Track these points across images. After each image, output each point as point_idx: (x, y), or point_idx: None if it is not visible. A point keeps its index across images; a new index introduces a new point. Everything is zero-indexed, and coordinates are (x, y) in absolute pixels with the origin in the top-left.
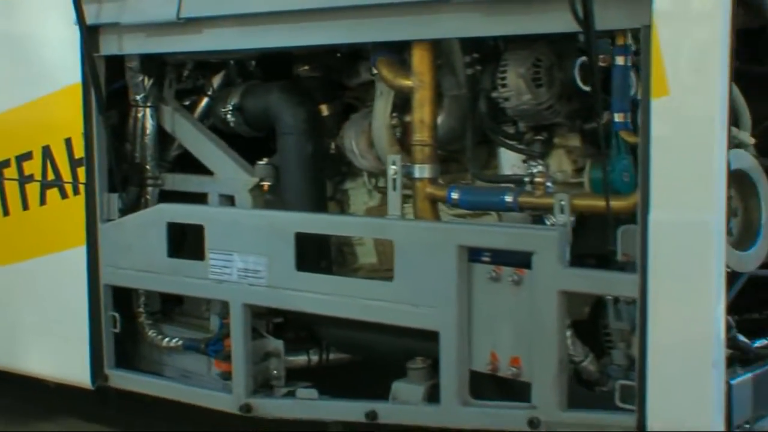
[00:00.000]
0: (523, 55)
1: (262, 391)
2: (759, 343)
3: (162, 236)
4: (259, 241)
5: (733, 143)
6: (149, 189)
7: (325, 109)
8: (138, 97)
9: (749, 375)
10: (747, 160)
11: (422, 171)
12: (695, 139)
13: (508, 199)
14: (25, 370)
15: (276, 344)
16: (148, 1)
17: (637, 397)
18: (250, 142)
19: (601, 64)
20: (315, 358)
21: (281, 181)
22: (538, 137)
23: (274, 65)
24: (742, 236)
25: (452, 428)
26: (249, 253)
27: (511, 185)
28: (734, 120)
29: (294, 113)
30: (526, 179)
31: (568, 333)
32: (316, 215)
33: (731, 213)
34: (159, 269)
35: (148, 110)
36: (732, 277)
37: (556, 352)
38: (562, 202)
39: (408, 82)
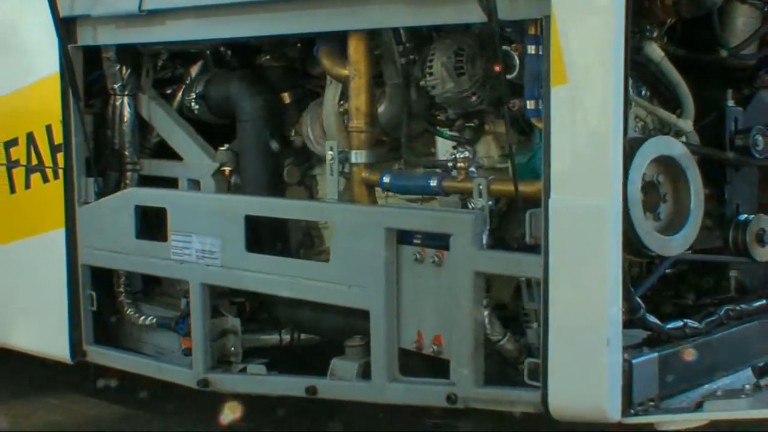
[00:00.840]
0: (447, 45)
1: (220, 367)
2: (673, 324)
3: (130, 218)
4: (215, 224)
5: (673, 131)
6: (128, 174)
7: (286, 97)
8: (116, 86)
9: (655, 355)
10: (675, 147)
11: (358, 156)
12: (590, 126)
13: (433, 183)
14: (14, 346)
15: (234, 322)
16: None
17: (541, 374)
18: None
19: (513, 52)
20: (287, 337)
21: (240, 166)
22: (469, 124)
23: (247, 55)
24: (671, 221)
25: (382, 403)
26: (206, 235)
27: (438, 170)
28: (676, 107)
29: (252, 101)
30: (450, 164)
31: (486, 313)
32: (262, 199)
33: (660, 198)
34: (128, 250)
35: (125, 98)
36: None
37: (471, 331)
38: (480, 187)
39: (345, 71)
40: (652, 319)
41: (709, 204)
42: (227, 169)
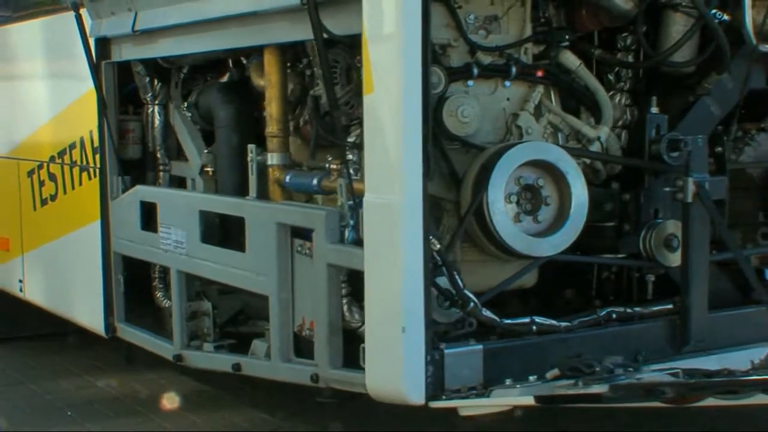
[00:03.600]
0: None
1: (194, 345)
2: (519, 320)
3: (137, 212)
4: (183, 217)
5: (585, 136)
6: (161, 174)
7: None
8: (147, 97)
9: (479, 347)
10: (553, 152)
11: (272, 159)
12: (387, 131)
13: (314, 182)
14: (72, 318)
15: (207, 306)
16: (124, 16)
17: (362, 359)
18: None
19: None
20: None
21: (217, 166)
22: (355, 129)
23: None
24: (554, 223)
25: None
26: (178, 227)
27: (319, 172)
28: (594, 114)
29: (225, 109)
30: (327, 166)
31: (345, 301)
32: (206, 196)
33: (542, 201)
34: (136, 240)
35: (156, 107)
36: None
37: (326, 318)
38: (341, 186)
39: (261, 82)
40: (487, 313)
41: (629, 209)
42: (209, 169)
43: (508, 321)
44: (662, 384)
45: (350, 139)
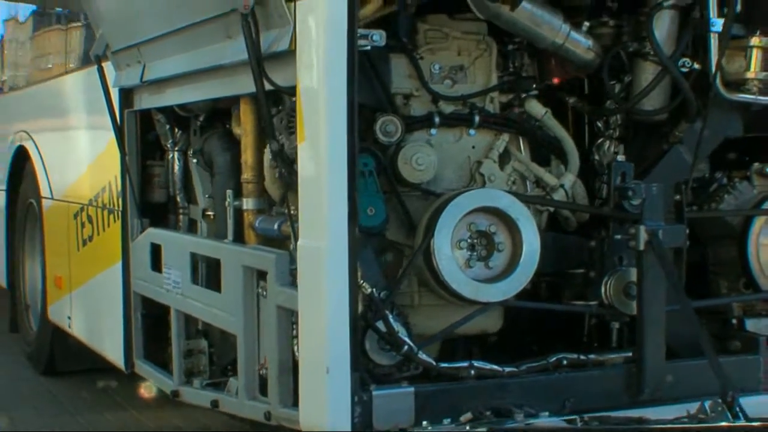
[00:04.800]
0: (287, 106)
1: (190, 381)
2: (457, 364)
3: (147, 253)
4: (179, 259)
5: (546, 184)
6: (180, 217)
7: None
8: (167, 143)
9: (409, 389)
10: (503, 199)
11: (247, 203)
12: (316, 178)
13: (276, 227)
14: (103, 353)
15: (203, 344)
16: (136, 68)
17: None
18: None
19: None
20: None
21: (215, 210)
22: None
23: None
24: (507, 270)
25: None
26: (176, 268)
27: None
28: (562, 161)
29: (222, 156)
30: (286, 211)
31: (295, 341)
32: (194, 239)
33: (494, 248)
34: (148, 279)
35: (176, 154)
36: None
37: (276, 357)
38: (289, 230)
39: (239, 131)
40: (423, 356)
41: (594, 256)
42: (210, 213)
43: (445, 365)
44: (542, 430)
45: None
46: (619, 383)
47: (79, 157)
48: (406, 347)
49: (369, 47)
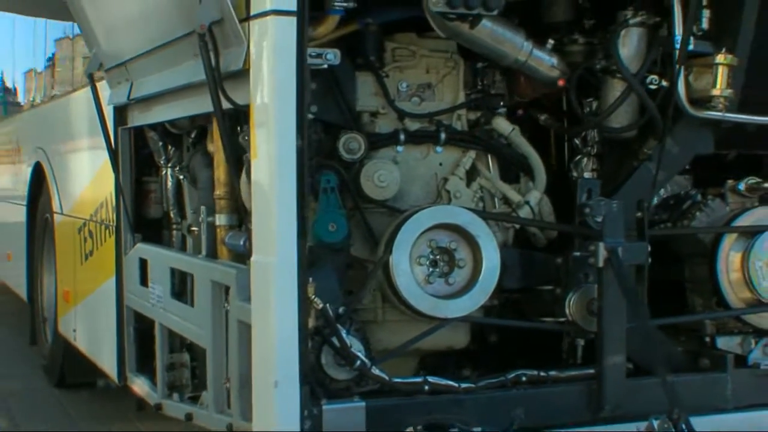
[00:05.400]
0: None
1: (173, 394)
2: (411, 379)
3: (137, 268)
4: (161, 274)
5: (512, 201)
6: (174, 232)
7: None
8: (160, 160)
9: (360, 403)
10: (463, 216)
11: (219, 219)
12: (267, 195)
13: (241, 243)
14: (101, 366)
15: (185, 358)
16: (125, 86)
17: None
18: None
19: None
20: None
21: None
22: None
23: None
24: (468, 286)
25: None
26: (159, 283)
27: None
28: (530, 177)
29: (204, 172)
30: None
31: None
32: (172, 254)
33: (455, 264)
34: (137, 294)
35: (168, 170)
36: None
37: (237, 371)
38: (246, 245)
39: (212, 148)
40: (376, 371)
41: (560, 273)
42: (195, 228)
43: (399, 380)
44: None
45: None
46: (580, 400)
47: (83, 172)
48: (358, 362)
49: (325, 65)
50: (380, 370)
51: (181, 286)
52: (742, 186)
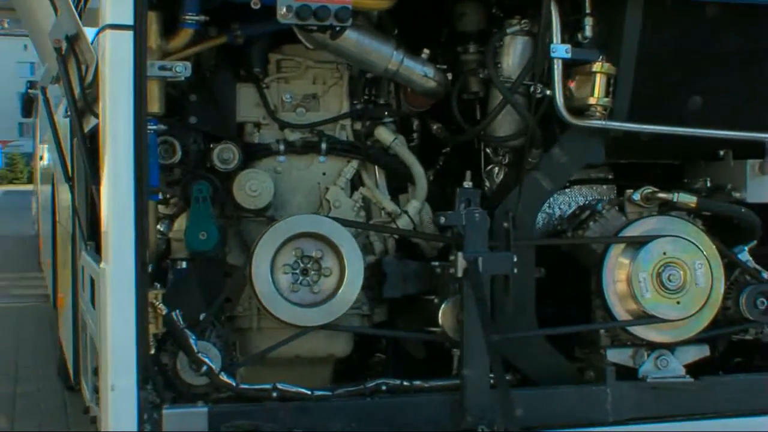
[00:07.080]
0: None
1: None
2: (259, 386)
3: (86, 276)
4: (87, 280)
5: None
6: None
7: None
8: None
9: (203, 408)
10: (326, 225)
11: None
12: (106, 202)
13: None
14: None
15: None
16: None
17: None
18: None
19: None
20: None
21: None
22: None
23: None
24: (332, 294)
25: None
26: (87, 289)
27: None
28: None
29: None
30: None
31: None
32: (89, 260)
33: (323, 273)
34: (84, 301)
35: None
36: None
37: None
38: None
39: None
40: (226, 377)
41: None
42: None
43: (246, 386)
44: None
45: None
46: (443, 410)
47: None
48: (205, 368)
49: (181, 77)
50: (228, 376)
51: None
52: (637, 196)
